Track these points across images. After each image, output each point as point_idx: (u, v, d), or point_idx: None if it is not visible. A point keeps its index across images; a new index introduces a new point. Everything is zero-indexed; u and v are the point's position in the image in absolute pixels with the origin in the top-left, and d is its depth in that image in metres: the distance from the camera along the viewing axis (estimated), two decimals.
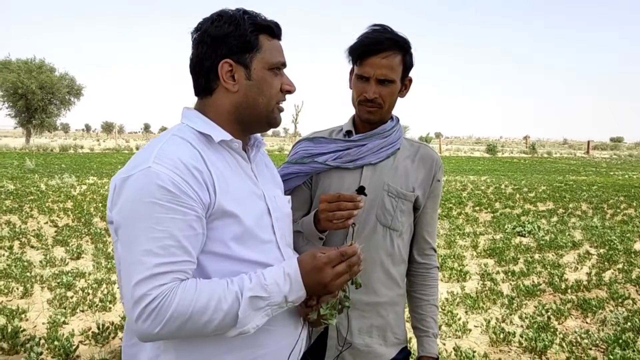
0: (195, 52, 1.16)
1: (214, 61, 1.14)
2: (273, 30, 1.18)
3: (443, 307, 4.43)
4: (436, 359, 1.60)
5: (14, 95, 36.82)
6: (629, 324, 4.08)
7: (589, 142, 56.28)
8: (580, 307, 4.54)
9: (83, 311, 4.24)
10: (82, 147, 36.29)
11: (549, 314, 4.36)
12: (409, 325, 1.68)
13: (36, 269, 5.39)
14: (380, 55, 1.44)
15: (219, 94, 1.17)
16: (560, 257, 6.46)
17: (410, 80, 1.54)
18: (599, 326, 4.18)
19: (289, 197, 1.36)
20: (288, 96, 1.24)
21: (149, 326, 0.97)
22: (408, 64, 1.49)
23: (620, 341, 3.66)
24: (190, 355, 1.09)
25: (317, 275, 1.08)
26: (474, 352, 3.51)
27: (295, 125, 53.39)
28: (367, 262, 1.49)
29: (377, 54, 1.44)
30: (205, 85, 1.17)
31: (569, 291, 5.04)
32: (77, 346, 3.44)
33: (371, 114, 1.50)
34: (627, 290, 5.07)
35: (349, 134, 1.59)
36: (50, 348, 3.40)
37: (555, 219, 9.48)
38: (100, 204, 9.42)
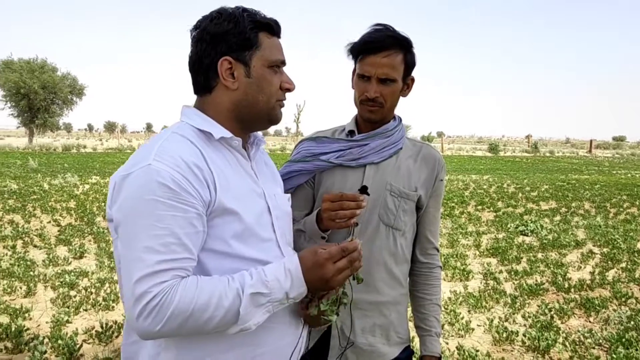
0: (195, 50, 1.15)
1: (213, 59, 1.13)
2: (272, 28, 1.17)
3: (446, 306, 4.43)
4: (439, 358, 1.60)
5: (16, 95, 36.91)
6: (632, 323, 4.06)
7: (591, 141, 56.11)
8: (583, 306, 4.53)
9: (86, 310, 4.25)
10: (85, 147, 36.41)
11: (552, 313, 4.35)
12: (411, 325, 1.68)
13: (39, 268, 5.40)
14: (381, 54, 1.43)
15: (218, 91, 1.16)
16: (563, 256, 6.45)
17: (413, 80, 1.54)
18: (602, 325, 4.17)
19: (288, 196, 1.36)
20: (289, 95, 1.23)
21: (150, 324, 0.97)
22: (410, 63, 1.49)
23: (624, 340, 3.66)
24: (191, 352, 1.09)
25: (319, 271, 1.08)
26: (477, 351, 3.51)
27: (297, 124, 53.41)
28: (370, 262, 1.49)
29: (378, 52, 1.43)
30: (205, 83, 1.16)
31: (572, 290, 5.03)
32: (81, 345, 3.46)
33: (372, 113, 1.50)
34: (630, 290, 5.05)
35: (351, 133, 1.59)
36: (54, 347, 3.42)
37: (558, 218, 9.45)
38: (103, 203, 9.44)
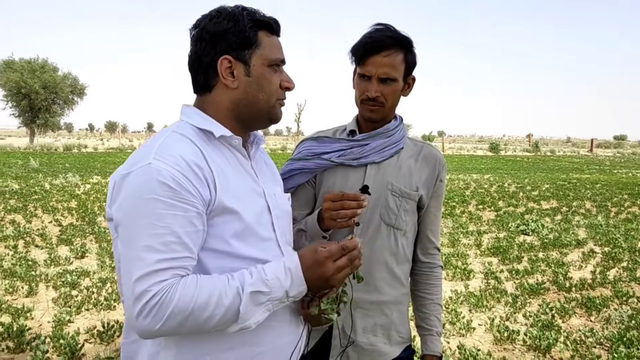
0: (194, 49, 1.15)
1: (212, 58, 1.12)
2: (272, 27, 1.17)
3: (447, 306, 4.43)
4: (440, 357, 1.60)
5: (17, 95, 36.94)
6: (633, 322, 4.06)
7: (592, 140, 56.02)
8: (584, 306, 4.53)
9: (88, 310, 4.25)
10: (86, 147, 36.46)
11: (553, 312, 4.35)
12: (413, 324, 1.68)
13: (41, 268, 5.41)
14: (381, 54, 1.43)
15: (218, 90, 1.16)
16: (564, 256, 6.44)
17: (414, 79, 1.54)
18: (603, 324, 4.16)
19: (288, 195, 1.36)
20: (289, 94, 1.23)
21: (149, 323, 0.96)
22: (410, 62, 1.49)
23: (625, 339, 3.65)
24: (191, 351, 1.09)
25: (319, 270, 1.08)
26: (478, 350, 3.51)
27: (298, 124, 53.40)
28: (371, 261, 1.50)
29: (378, 52, 1.44)
30: (204, 82, 1.16)
31: (573, 289, 5.02)
32: (83, 344, 3.46)
33: (373, 112, 1.50)
34: (632, 289, 5.05)
35: (352, 133, 1.59)
36: (55, 346, 3.42)
37: (559, 217, 9.44)
38: (104, 203, 9.44)
